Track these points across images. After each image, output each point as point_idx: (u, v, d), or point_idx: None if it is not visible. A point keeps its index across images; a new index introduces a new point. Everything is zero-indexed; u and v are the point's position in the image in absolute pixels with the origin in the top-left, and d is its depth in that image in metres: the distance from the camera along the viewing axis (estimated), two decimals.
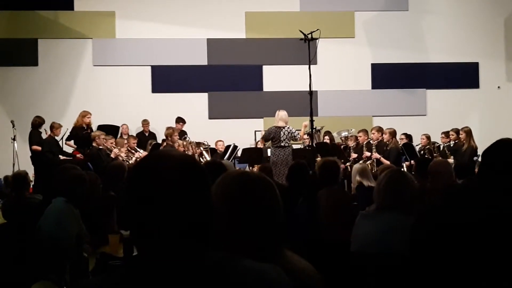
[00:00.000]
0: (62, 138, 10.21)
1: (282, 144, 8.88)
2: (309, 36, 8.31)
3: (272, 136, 8.96)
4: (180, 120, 11.65)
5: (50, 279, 2.95)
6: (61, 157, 9.63)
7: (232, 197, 1.55)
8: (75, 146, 10.08)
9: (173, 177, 1.21)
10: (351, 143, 10.40)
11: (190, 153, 9.71)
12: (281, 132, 8.88)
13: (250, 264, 1.24)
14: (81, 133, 9.83)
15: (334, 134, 11.20)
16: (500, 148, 1.82)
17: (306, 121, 8.83)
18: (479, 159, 9.28)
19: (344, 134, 11.12)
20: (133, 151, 10.00)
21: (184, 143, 10.33)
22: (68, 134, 10.16)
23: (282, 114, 9.00)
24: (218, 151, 11.07)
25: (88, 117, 10.00)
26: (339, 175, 4.79)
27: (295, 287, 1.31)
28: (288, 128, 8.96)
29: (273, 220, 1.57)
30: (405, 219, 2.82)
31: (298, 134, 9.05)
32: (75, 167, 4.03)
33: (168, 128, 10.34)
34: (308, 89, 8.07)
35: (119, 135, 11.04)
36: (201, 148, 10.51)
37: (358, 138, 10.23)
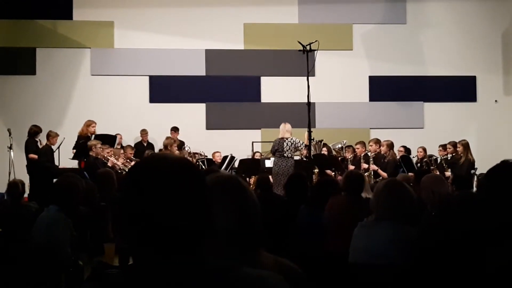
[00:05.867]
0: (58, 148, 10.15)
1: (285, 154, 8.96)
2: (308, 47, 8.34)
3: (276, 148, 9.06)
4: (174, 129, 11.65)
5: (45, 286, 2.91)
6: (60, 166, 9.58)
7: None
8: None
9: (170, 179, 1.17)
10: (349, 155, 10.40)
11: None
12: (284, 143, 8.96)
13: (250, 272, 1.20)
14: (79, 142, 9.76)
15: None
16: (505, 170, 1.82)
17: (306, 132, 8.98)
18: (476, 172, 9.30)
19: (338, 146, 11.11)
20: (129, 161, 9.96)
21: (184, 153, 10.30)
22: (74, 143, 10.01)
23: (288, 126, 9.14)
24: (215, 162, 11.04)
25: (93, 126, 9.95)
26: (362, 188, 4.65)
27: None
28: (292, 139, 9.01)
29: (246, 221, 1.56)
30: (405, 230, 2.81)
31: (302, 144, 9.08)
32: (73, 175, 4.01)
33: (167, 138, 10.31)
34: (306, 101, 8.08)
35: (115, 145, 10.98)
36: (198, 158, 10.48)
37: (356, 150, 10.22)
